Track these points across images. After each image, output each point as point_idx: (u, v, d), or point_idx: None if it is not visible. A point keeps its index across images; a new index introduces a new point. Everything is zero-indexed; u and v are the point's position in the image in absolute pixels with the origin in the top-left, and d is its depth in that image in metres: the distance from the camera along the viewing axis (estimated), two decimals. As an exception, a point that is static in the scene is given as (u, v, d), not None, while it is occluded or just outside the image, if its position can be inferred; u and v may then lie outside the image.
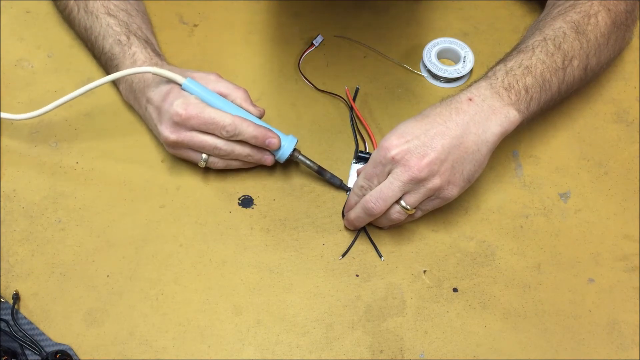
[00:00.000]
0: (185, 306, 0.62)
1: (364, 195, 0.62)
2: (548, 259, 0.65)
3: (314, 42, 0.78)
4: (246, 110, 0.66)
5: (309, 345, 0.60)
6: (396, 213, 0.61)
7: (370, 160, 0.61)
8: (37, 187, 0.68)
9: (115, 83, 0.73)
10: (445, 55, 0.78)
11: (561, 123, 0.73)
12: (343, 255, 0.65)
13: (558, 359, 0.60)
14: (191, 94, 0.64)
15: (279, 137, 0.65)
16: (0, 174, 0.69)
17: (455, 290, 0.63)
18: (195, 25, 0.80)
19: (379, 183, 0.61)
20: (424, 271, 0.64)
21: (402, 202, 0.60)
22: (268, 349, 0.60)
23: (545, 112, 0.66)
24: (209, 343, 0.60)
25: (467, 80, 0.76)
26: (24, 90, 0.75)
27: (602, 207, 0.68)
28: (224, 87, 0.66)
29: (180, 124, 0.63)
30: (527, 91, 0.62)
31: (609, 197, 0.68)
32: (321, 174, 0.68)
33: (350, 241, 0.65)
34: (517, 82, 0.62)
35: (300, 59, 0.77)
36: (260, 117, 0.67)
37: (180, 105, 0.63)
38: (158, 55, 0.70)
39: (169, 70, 0.66)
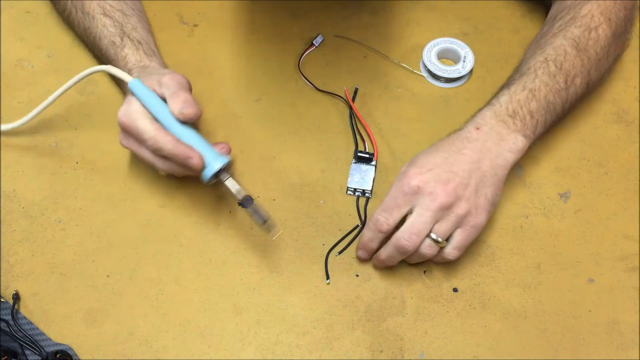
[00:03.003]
0: (185, 306, 0.62)
1: (379, 230, 0.60)
2: (548, 259, 0.65)
3: (314, 42, 0.78)
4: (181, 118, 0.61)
5: (309, 345, 0.60)
6: (427, 248, 0.59)
7: (389, 194, 0.60)
8: (37, 187, 0.68)
9: (121, 88, 0.73)
10: (445, 55, 0.78)
11: (561, 123, 0.73)
12: (340, 253, 0.65)
13: (558, 359, 0.60)
14: (137, 96, 0.61)
15: (200, 156, 0.59)
16: (0, 174, 0.69)
17: (455, 290, 0.63)
18: (195, 25, 0.80)
19: (400, 214, 0.59)
20: (424, 271, 0.64)
21: (432, 235, 0.58)
22: (268, 349, 0.60)
23: (549, 131, 0.67)
24: (209, 343, 0.60)
25: (467, 80, 0.76)
26: (24, 90, 0.75)
27: (602, 207, 0.68)
28: (165, 89, 0.61)
29: (123, 130, 0.62)
30: (532, 116, 0.63)
31: (609, 197, 0.68)
32: (244, 206, 0.60)
33: (350, 240, 0.65)
34: (522, 108, 0.62)
35: (300, 59, 0.77)
36: (193, 120, 0.61)
37: (121, 112, 0.61)
38: (150, 55, 0.69)
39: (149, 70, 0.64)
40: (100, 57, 0.72)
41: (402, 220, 0.60)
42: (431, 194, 0.58)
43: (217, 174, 0.60)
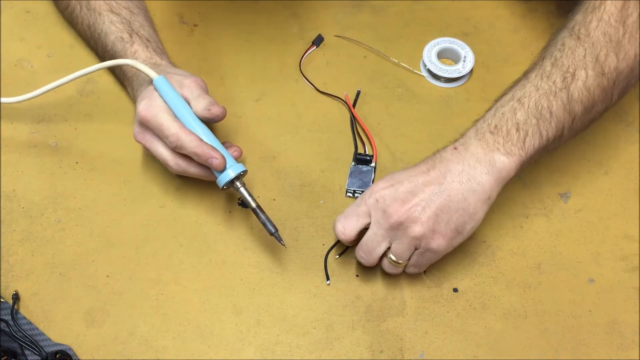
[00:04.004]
0: (185, 306, 0.62)
1: (338, 236, 0.60)
2: (548, 259, 0.65)
3: (314, 42, 0.78)
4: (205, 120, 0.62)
5: (309, 345, 0.60)
6: (388, 267, 0.60)
7: (354, 202, 0.60)
8: (37, 187, 0.68)
9: (124, 86, 0.73)
10: (445, 55, 0.78)
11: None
12: (340, 255, 0.65)
13: (558, 359, 0.60)
14: (160, 93, 0.62)
15: (223, 158, 0.60)
16: (1, 174, 0.69)
17: (455, 290, 0.63)
18: (195, 25, 0.80)
19: (358, 224, 0.58)
20: (424, 271, 0.64)
21: (391, 256, 0.59)
22: (268, 349, 0.60)
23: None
24: (209, 343, 0.60)
25: (467, 80, 0.76)
26: (24, 90, 0.74)
27: (602, 207, 0.68)
28: (188, 92, 0.63)
29: (142, 124, 0.62)
30: (518, 129, 0.57)
31: (609, 197, 0.68)
32: (256, 215, 0.62)
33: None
34: (506, 122, 0.57)
35: (300, 59, 0.77)
36: (218, 120, 0.63)
37: (142, 105, 0.61)
38: (160, 54, 0.69)
39: (151, 66, 0.65)
40: (104, 53, 0.71)
41: None
42: (385, 212, 0.57)
43: (231, 181, 0.61)
